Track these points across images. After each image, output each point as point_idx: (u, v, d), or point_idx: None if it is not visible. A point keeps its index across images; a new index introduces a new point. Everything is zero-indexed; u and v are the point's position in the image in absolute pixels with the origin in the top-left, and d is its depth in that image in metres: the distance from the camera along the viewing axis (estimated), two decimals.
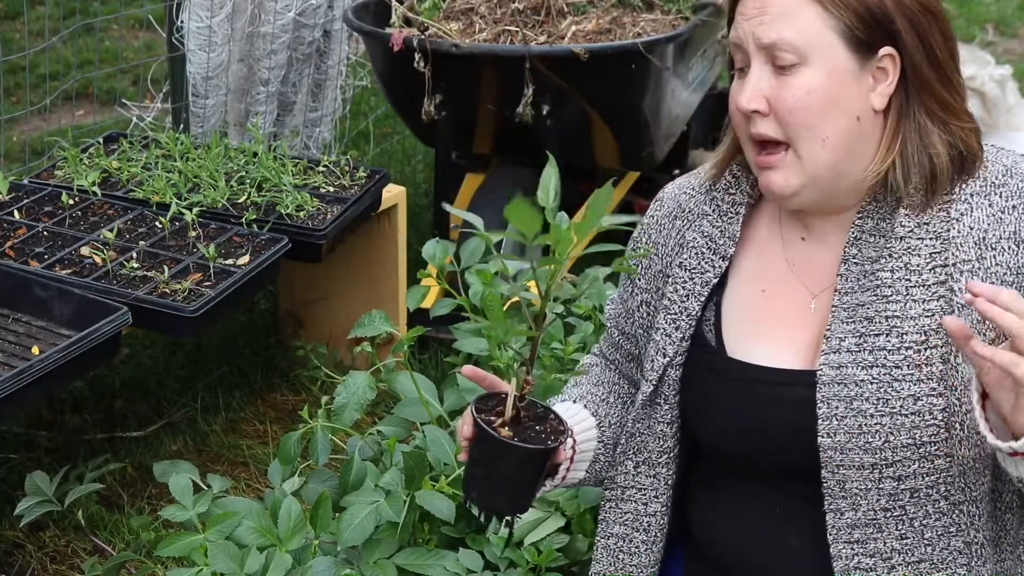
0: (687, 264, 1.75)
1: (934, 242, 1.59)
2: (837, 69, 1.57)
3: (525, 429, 1.63)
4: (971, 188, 1.60)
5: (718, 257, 1.73)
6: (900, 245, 1.60)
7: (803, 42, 1.56)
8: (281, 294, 3.85)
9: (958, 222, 1.59)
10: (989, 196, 1.60)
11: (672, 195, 1.84)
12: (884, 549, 1.60)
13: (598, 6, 4.04)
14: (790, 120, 1.59)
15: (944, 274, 1.58)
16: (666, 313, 1.76)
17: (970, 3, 7.66)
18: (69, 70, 5.15)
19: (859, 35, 1.57)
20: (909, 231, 1.60)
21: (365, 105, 5.55)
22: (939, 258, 1.58)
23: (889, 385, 1.58)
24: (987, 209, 1.59)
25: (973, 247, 1.57)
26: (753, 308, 1.71)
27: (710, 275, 1.73)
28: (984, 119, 4.95)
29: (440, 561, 2.23)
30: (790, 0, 1.57)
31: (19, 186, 3.27)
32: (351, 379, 2.50)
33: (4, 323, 2.74)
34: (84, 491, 2.76)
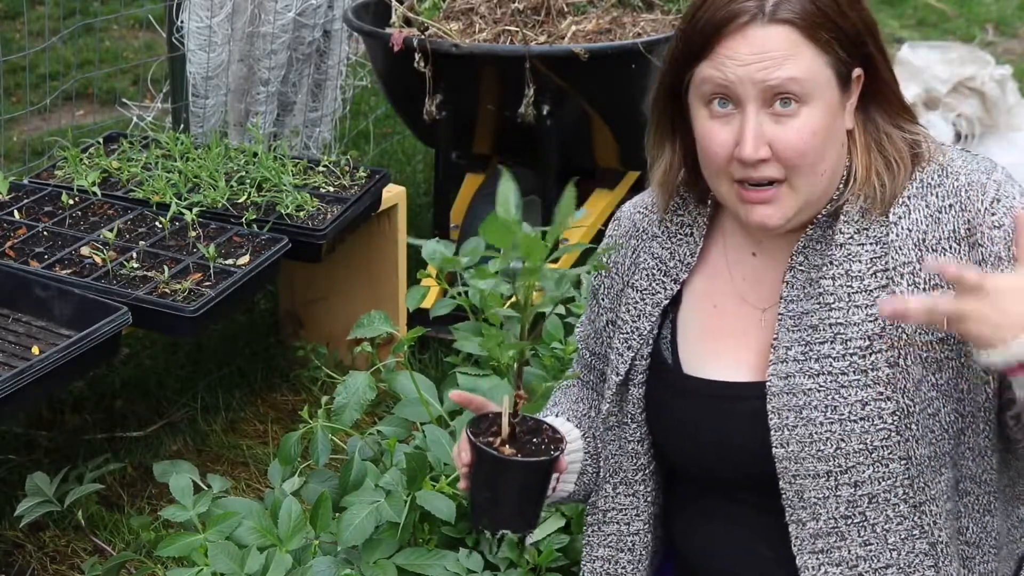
0: (638, 285, 1.76)
1: (874, 247, 1.60)
2: (832, 104, 1.58)
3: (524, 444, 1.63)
4: (908, 191, 1.61)
5: (669, 280, 1.74)
6: (840, 252, 1.61)
7: (809, 81, 1.56)
8: (281, 294, 3.85)
9: (896, 226, 1.59)
10: (926, 197, 1.60)
11: (628, 214, 1.85)
12: (849, 557, 1.61)
13: (598, 6, 4.04)
14: (798, 162, 1.58)
15: (885, 278, 1.58)
16: (619, 332, 1.77)
17: (970, 3, 7.66)
18: (69, 70, 5.15)
19: (843, 67, 1.58)
20: (848, 237, 1.61)
21: (365, 105, 5.55)
22: (879, 263, 1.59)
23: (836, 392, 1.58)
24: (924, 211, 1.59)
25: (913, 249, 1.58)
26: (705, 324, 1.72)
27: (661, 296, 1.74)
28: (984, 119, 4.96)
29: (440, 561, 2.23)
30: (788, 43, 1.56)
31: (19, 186, 3.27)
32: (351, 379, 2.50)
33: (4, 323, 2.73)
34: (84, 491, 2.76)
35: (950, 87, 4.95)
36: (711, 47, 1.58)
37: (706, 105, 1.61)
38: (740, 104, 1.58)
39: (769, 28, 1.55)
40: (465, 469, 1.66)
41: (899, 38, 6.98)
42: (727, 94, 1.58)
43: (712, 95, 1.59)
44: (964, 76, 4.97)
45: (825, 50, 1.56)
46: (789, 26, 1.55)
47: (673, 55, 1.64)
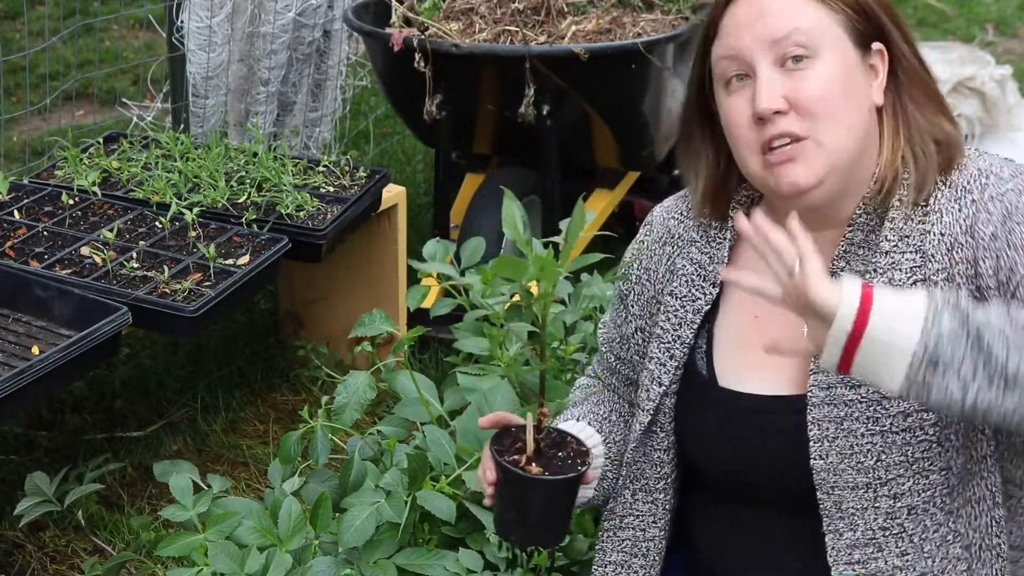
0: (678, 292, 1.75)
1: (914, 256, 1.58)
2: (848, 59, 1.58)
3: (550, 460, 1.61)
4: (946, 196, 1.59)
5: (708, 284, 1.73)
6: (885, 260, 1.59)
7: (816, 31, 1.57)
8: (281, 294, 3.85)
9: (930, 234, 1.58)
10: (959, 201, 1.59)
11: (661, 220, 1.84)
12: (885, 567, 1.59)
13: (598, 6, 4.04)
14: (816, 110, 1.56)
15: (924, 287, 1.56)
16: (659, 342, 1.75)
17: (970, 3, 7.66)
18: (69, 70, 5.15)
19: (859, 27, 1.59)
20: (893, 245, 1.59)
21: (365, 105, 5.55)
22: (919, 272, 1.58)
23: (878, 403, 1.57)
24: (955, 213, 1.58)
25: (945, 254, 1.57)
26: (745, 335, 1.70)
27: (701, 303, 1.72)
28: (984, 119, 4.95)
29: (440, 561, 2.22)
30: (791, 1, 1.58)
31: (19, 186, 3.27)
32: (351, 379, 2.50)
33: (4, 323, 2.73)
34: (84, 491, 2.76)
35: (950, 87, 4.94)
36: (719, 22, 1.61)
37: (726, 86, 1.62)
38: (752, 70, 1.58)
39: None
40: (491, 488, 1.65)
41: None
42: (740, 64, 1.59)
43: (729, 72, 1.60)
44: (964, 76, 4.96)
45: (832, 8, 1.58)
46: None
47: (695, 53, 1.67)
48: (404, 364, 2.69)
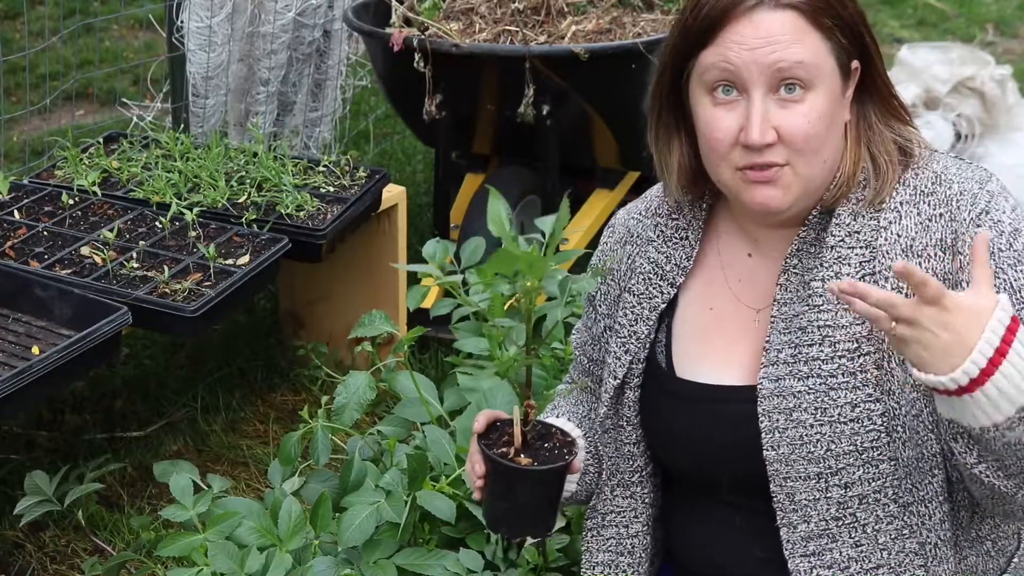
0: (635, 290, 1.77)
1: (863, 251, 1.60)
2: (834, 92, 1.59)
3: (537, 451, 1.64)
4: (900, 196, 1.61)
5: (666, 283, 1.75)
6: (831, 255, 1.61)
7: (814, 66, 1.57)
8: (281, 294, 3.85)
9: (886, 231, 1.59)
10: (918, 204, 1.60)
11: (622, 220, 1.87)
12: (840, 559, 1.61)
13: (598, 6, 4.04)
14: (803, 147, 1.58)
15: (872, 282, 1.58)
16: (616, 336, 1.78)
17: (970, 3, 7.66)
18: (69, 70, 5.15)
19: (844, 55, 1.59)
20: (839, 240, 1.61)
21: (365, 105, 5.55)
22: (868, 267, 1.59)
23: (826, 394, 1.58)
24: (915, 217, 1.59)
25: (900, 254, 1.58)
26: (700, 327, 1.73)
27: (658, 300, 1.74)
28: (984, 119, 4.96)
29: (440, 561, 2.23)
30: (795, 28, 1.56)
31: (19, 186, 3.27)
32: (351, 379, 2.50)
33: (4, 323, 2.73)
34: (84, 491, 2.76)
35: (950, 87, 4.95)
36: (716, 32, 1.58)
37: (709, 92, 1.60)
38: (745, 90, 1.57)
39: (776, 12, 1.56)
40: (479, 481, 1.67)
41: (899, 38, 6.98)
42: (732, 80, 1.58)
43: (716, 82, 1.59)
44: (964, 76, 4.97)
45: (828, 37, 1.57)
46: (795, 11, 1.56)
47: (674, 46, 1.64)
48: (404, 364, 2.69)
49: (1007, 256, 1.56)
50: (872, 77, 1.63)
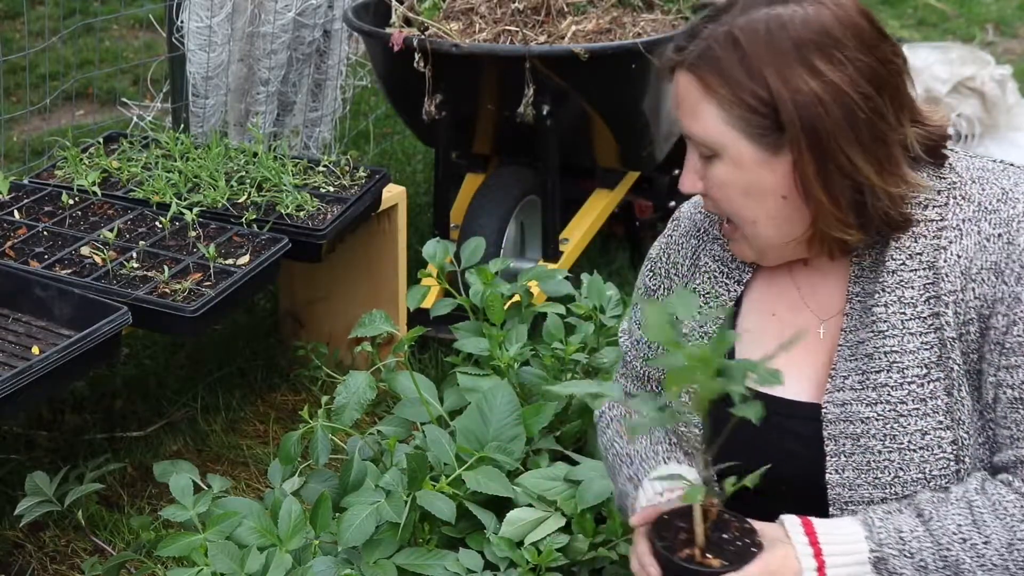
0: (701, 289, 1.75)
1: (927, 272, 1.56)
2: (744, 162, 1.54)
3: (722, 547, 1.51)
4: (964, 213, 1.57)
5: (732, 282, 1.72)
6: (892, 279, 1.58)
7: (708, 139, 1.54)
8: (281, 294, 3.85)
9: (946, 251, 1.56)
10: (979, 223, 1.56)
11: (688, 214, 1.83)
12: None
13: (598, 6, 4.04)
14: (723, 207, 1.59)
15: (938, 305, 1.55)
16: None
17: (970, 3, 7.66)
18: (69, 70, 5.15)
19: (757, 128, 1.52)
20: (901, 264, 1.58)
21: (365, 105, 5.55)
22: (932, 289, 1.55)
23: (895, 421, 1.56)
24: (975, 236, 1.55)
25: (960, 277, 1.54)
26: (765, 333, 1.69)
27: (725, 299, 1.72)
28: (984, 119, 4.95)
29: (440, 561, 2.23)
30: (692, 97, 1.54)
31: (19, 186, 3.27)
32: (351, 379, 2.50)
33: (4, 323, 2.73)
34: (84, 491, 2.76)
35: (950, 87, 4.94)
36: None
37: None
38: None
39: (683, 75, 1.55)
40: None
41: (899, 38, 6.98)
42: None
43: None
44: (964, 76, 4.96)
45: (727, 110, 1.51)
46: (696, 78, 1.53)
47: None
48: (404, 364, 2.69)
49: None
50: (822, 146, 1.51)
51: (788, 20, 1.50)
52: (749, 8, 1.54)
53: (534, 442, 2.59)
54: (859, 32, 1.51)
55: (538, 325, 3.04)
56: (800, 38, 1.49)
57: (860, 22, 1.52)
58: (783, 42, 1.49)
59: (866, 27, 1.52)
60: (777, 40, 1.50)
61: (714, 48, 1.52)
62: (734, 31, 1.52)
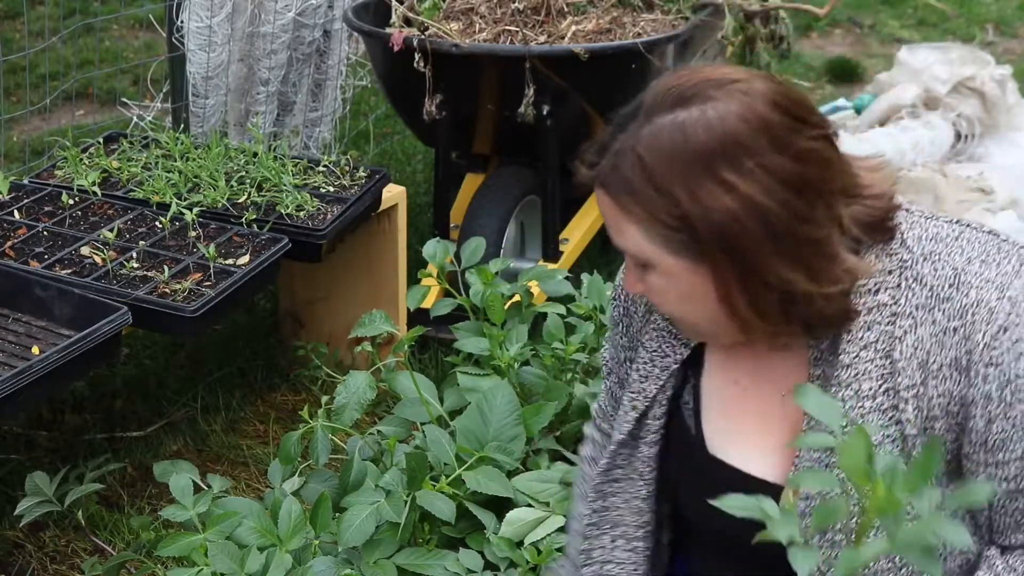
0: (648, 345, 1.70)
1: (883, 362, 1.49)
2: (674, 273, 1.47)
3: None
4: (917, 299, 1.49)
5: (680, 343, 1.67)
6: (847, 373, 1.51)
7: (635, 254, 1.49)
8: (281, 294, 3.85)
9: (902, 342, 1.48)
10: (933, 311, 1.48)
11: None
12: None
13: (598, 6, 4.04)
14: (660, 310, 1.57)
15: (896, 398, 1.49)
16: (628, 390, 1.71)
17: (970, 3, 7.66)
18: (69, 70, 5.15)
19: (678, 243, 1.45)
20: (855, 356, 1.50)
21: (365, 105, 5.55)
22: (890, 380, 1.49)
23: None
24: (930, 327, 1.47)
25: (918, 370, 1.48)
26: (728, 401, 1.64)
27: (670, 360, 1.67)
28: (984, 119, 4.96)
29: (440, 561, 2.23)
30: (611, 214, 1.49)
31: (19, 186, 3.27)
32: (351, 379, 2.50)
33: (4, 323, 2.74)
34: (84, 491, 2.76)
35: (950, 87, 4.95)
36: None
37: None
38: None
39: (600, 191, 1.50)
40: None
41: (899, 38, 6.99)
42: None
43: None
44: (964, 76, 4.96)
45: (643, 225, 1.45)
46: (611, 198, 1.48)
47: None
48: (404, 364, 2.69)
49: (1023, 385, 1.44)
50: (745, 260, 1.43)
51: (691, 130, 1.41)
52: (653, 114, 1.46)
53: (534, 442, 2.59)
54: (769, 129, 1.40)
55: (538, 325, 3.05)
56: (705, 150, 1.40)
57: (770, 117, 1.41)
58: (688, 156, 1.40)
59: (777, 121, 1.41)
60: (682, 155, 1.41)
61: (622, 167, 1.45)
62: (639, 149, 1.44)
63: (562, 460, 2.59)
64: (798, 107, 1.45)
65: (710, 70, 1.47)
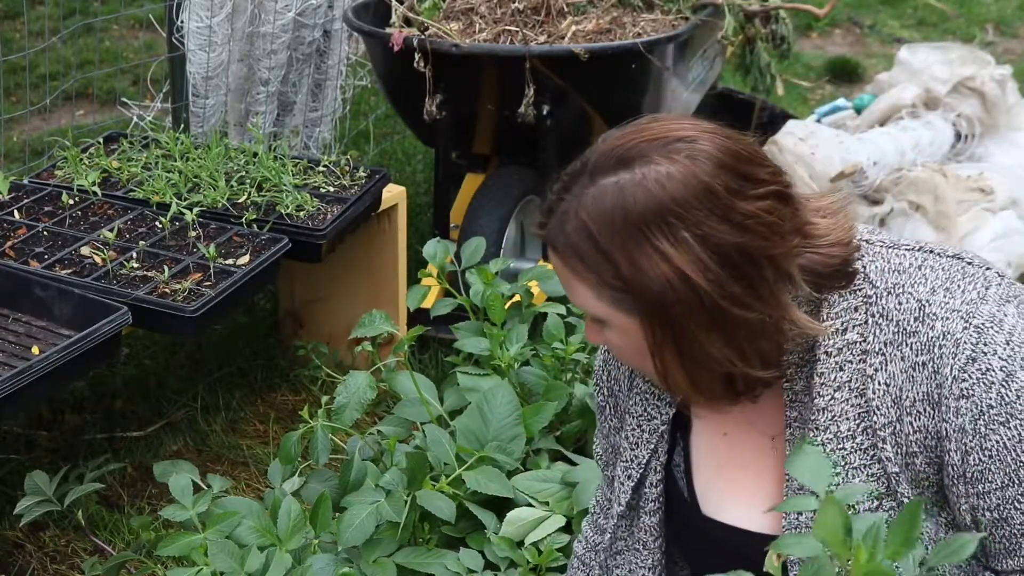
0: (634, 411, 1.69)
1: (859, 401, 1.48)
2: (625, 330, 1.46)
3: None
4: (884, 335, 1.46)
5: (664, 403, 1.66)
6: (824, 416, 1.49)
7: (589, 312, 1.49)
8: (281, 294, 3.85)
9: (873, 379, 1.47)
10: (901, 347, 1.46)
11: None
12: None
13: (598, 6, 4.04)
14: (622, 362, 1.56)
15: (874, 436, 1.47)
16: (621, 460, 1.70)
17: (970, 3, 7.66)
18: (69, 70, 5.15)
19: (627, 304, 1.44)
20: (830, 399, 1.49)
21: (365, 105, 5.55)
22: (866, 419, 1.47)
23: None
24: (899, 363, 1.46)
25: (892, 407, 1.46)
26: (718, 455, 1.63)
27: (657, 422, 1.66)
28: (984, 119, 4.96)
29: (440, 561, 2.23)
30: (562, 275, 1.48)
31: (19, 186, 3.27)
32: (351, 379, 2.50)
33: (4, 323, 2.73)
34: (84, 491, 2.76)
35: (950, 87, 4.94)
36: None
37: None
38: None
39: (551, 252, 1.49)
40: None
41: (899, 38, 6.98)
42: None
43: None
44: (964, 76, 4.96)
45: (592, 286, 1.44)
46: (558, 257, 1.47)
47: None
48: (404, 364, 2.69)
49: (997, 414, 1.41)
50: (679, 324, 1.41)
51: (631, 196, 1.39)
52: (596, 175, 1.44)
53: (534, 442, 2.59)
54: (709, 194, 1.38)
55: (538, 325, 3.04)
56: (642, 215, 1.38)
57: (712, 182, 1.38)
58: (627, 220, 1.39)
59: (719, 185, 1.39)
60: (621, 219, 1.39)
61: (567, 229, 1.44)
62: (581, 213, 1.42)
63: (562, 460, 2.59)
64: (747, 164, 1.43)
65: (657, 126, 1.45)
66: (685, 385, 1.47)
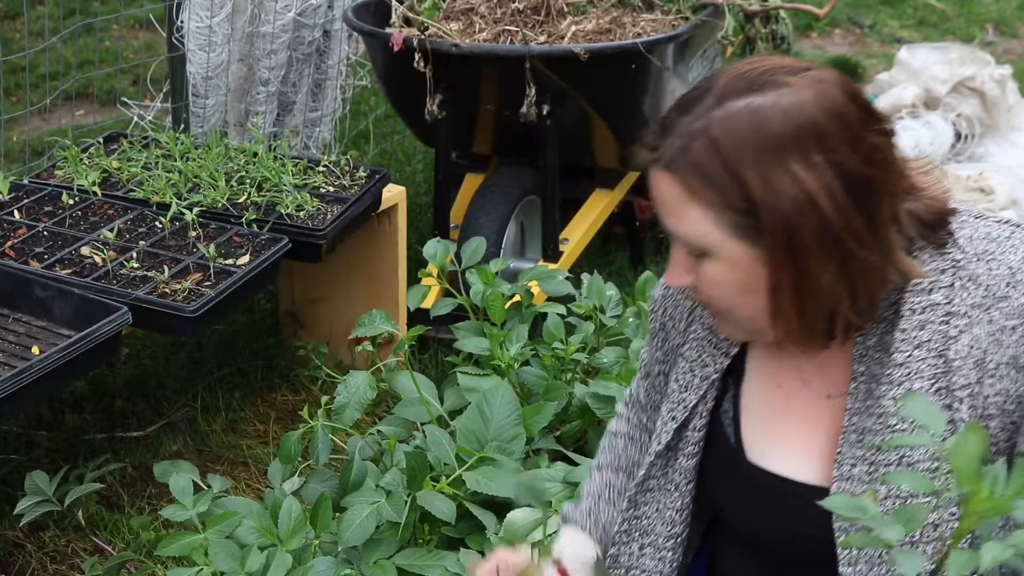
0: (688, 355, 1.68)
1: (936, 361, 1.48)
2: (737, 260, 1.45)
3: None
4: (972, 298, 1.48)
5: (720, 353, 1.65)
6: (900, 372, 1.50)
7: (697, 240, 1.46)
8: (281, 294, 3.85)
9: (957, 341, 1.47)
10: (989, 310, 1.47)
11: None
12: None
13: (598, 6, 4.04)
14: (712, 305, 1.53)
15: (949, 397, 1.47)
16: (668, 400, 1.70)
17: (970, 3, 7.66)
18: (69, 70, 5.15)
19: (746, 229, 1.42)
20: (908, 355, 1.49)
21: (365, 105, 5.55)
22: (942, 379, 1.48)
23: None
24: (986, 327, 1.47)
25: (973, 369, 1.47)
26: (769, 406, 1.63)
27: (710, 369, 1.66)
28: (984, 119, 4.96)
29: (440, 561, 2.23)
30: (673, 199, 1.45)
31: (19, 186, 3.27)
32: (351, 379, 2.50)
33: (4, 323, 2.73)
34: (84, 491, 2.76)
35: (950, 87, 4.95)
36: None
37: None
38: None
39: (663, 175, 1.46)
40: None
41: (899, 38, 6.99)
42: None
43: None
44: (964, 76, 4.97)
45: (711, 211, 1.42)
46: (676, 180, 1.44)
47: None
48: (404, 364, 2.69)
49: None
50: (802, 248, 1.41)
51: (768, 115, 1.39)
52: (726, 99, 1.42)
53: (534, 442, 2.59)
54: (844, 119, 1.40)
55: (538, 325, 3.05)
56: (780, 137, 1.38)
57: (845, 106, 1.41)
58: (763, 141, 1.38)
59: (851, 111, 1.41)
60: (757, 140, 1.39)
61: (692, 148, 1.42)
62: (712, 129, 1.41)
63: (562, 460, 2.59)
64: (865, 100, 1.46)
65: (779, 58, 1.46)
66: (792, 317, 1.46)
